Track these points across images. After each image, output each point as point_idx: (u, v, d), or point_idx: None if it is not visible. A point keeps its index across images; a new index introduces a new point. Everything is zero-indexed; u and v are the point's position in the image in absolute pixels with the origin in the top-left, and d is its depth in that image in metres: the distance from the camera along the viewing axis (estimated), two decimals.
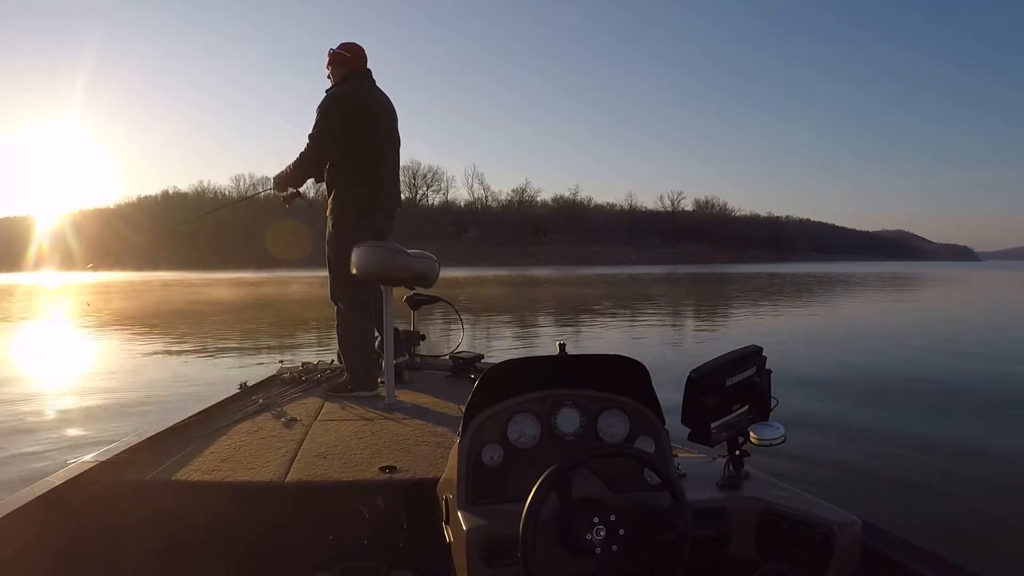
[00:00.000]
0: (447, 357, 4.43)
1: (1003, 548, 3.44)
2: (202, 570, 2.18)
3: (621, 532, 1.48)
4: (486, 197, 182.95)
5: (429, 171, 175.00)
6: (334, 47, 3.93)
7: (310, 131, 3.76)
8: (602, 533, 1.47)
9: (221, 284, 45.57)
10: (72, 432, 5.68)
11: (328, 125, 3.71)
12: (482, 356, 4.28)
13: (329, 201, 3.84)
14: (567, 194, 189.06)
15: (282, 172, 3.91)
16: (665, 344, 12.61)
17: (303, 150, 3.79)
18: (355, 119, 3.71)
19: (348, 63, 3.89)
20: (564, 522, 1.49)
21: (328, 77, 3.94)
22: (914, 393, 7.28)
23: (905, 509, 3.91)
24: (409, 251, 3.54)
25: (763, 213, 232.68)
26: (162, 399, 7.09)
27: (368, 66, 3.95)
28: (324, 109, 3.74)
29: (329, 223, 3.83)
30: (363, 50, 3.94)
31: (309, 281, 40.95)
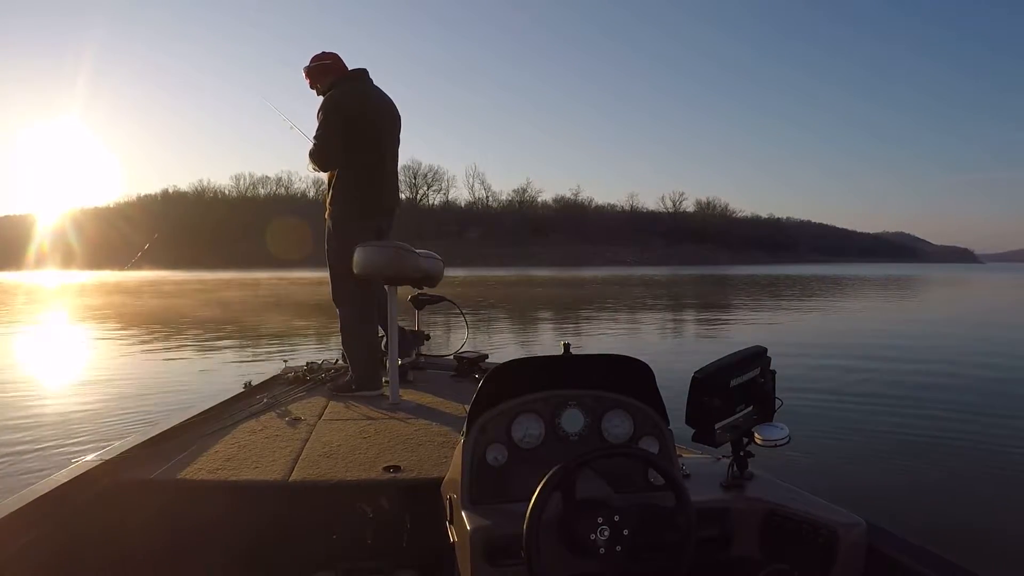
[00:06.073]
0: (451, 357, 4.42)
1: (1007, 549, 3.44)
2: (206, 569, 2.18)
3: (625, 532, 1.49)
4: (487, 197, 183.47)
5: (430, 171, 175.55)
6: (306, 65, 3.91)
7: (313, 134, 3.73)
8: (606, 533, 1.48)
9: (224, 285, 45.56)
10: (75, 431, 5.68)
11: (331, 130, 3.68)
12: (486, 356, 4.27)
13: (328, 202, 3.81)
14: (568, 194, 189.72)
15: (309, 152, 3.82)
16: (669, 344, 12.61)
17: (311, 149, 3.75)
18: (357, 121, 3.69)
19: (332, 69, 3.87)
20: (568, 522, 1.50)
21: (318, 94, 3.89)
22: (918, 393, 7.27)
23: (910, 510, 3.91)
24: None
25: (764, 215, 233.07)
26: (166, 398, 7.09)
27: (360, 67, 3.91)
28: (326, 113, 3.70)
29: (328, 224, 3.81)
30: (338, 55, 3.93)
31: (310, 281, 40.95)
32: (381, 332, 3.90)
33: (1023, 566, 3.25)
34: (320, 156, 3.73)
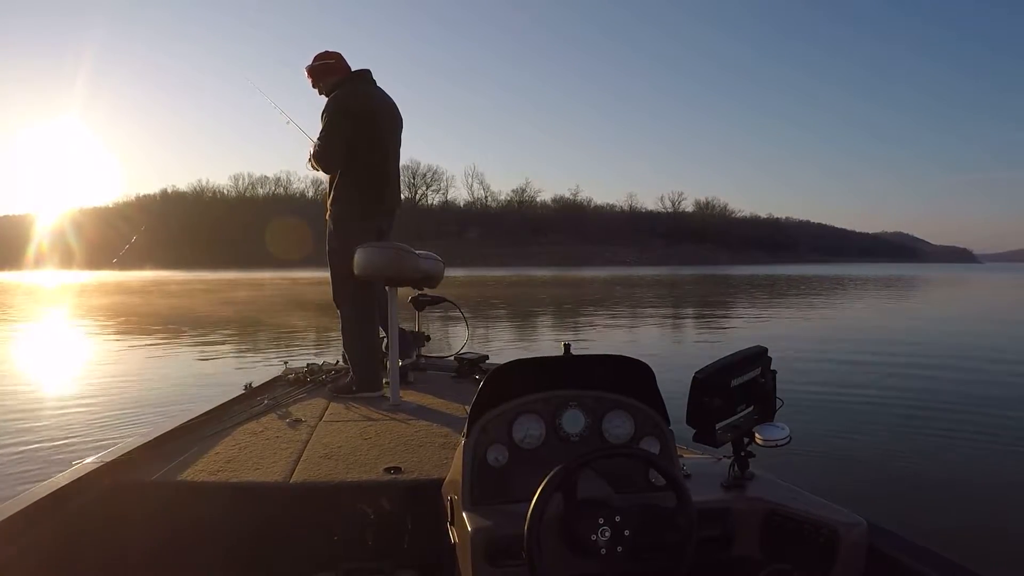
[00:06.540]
0: (452, 358, 4.42)
1: (1008, 549, 3.44)
2: (207, 571, 2.18)
3: (626, 533, 1.49)
4: (486, 197, 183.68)
5: (429, 171, 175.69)
6: (308, 64, 3.87)
7: (317, 135, 3.71)
8: (607, 534, 1.48)
9: (228, 286, 45.53)
10: (76, 433, 5.68)
11: (336, 132, 3.65)
12: (487, 357, 4.27)
13: (329, 202, 3.78)
14: (567, 194, 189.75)
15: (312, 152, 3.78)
16: (669, 344, 12.61)
17: (314, 150, 3.72)
18: (361, 122, 3.68)
19: (335, 69, 3.84)
20: (569, 523, 1.50)
21: (320, 93, 3.86)
22: (919, 393, 7.27)
23: (911, 509, 3.90)
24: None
25: (763, 215, 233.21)
26: (167, 400, 7.09)
27: (363, 67, 3.89)
28: (331, 115, 3.67)
29: (329, 225, 3.79)
30: (341, 55, 3.90)
31: (312, 281, 40.94)
32: (382, 333, 3.89)
33: (1023, 566, 3.25)
34: (324, 158, 3.70)
